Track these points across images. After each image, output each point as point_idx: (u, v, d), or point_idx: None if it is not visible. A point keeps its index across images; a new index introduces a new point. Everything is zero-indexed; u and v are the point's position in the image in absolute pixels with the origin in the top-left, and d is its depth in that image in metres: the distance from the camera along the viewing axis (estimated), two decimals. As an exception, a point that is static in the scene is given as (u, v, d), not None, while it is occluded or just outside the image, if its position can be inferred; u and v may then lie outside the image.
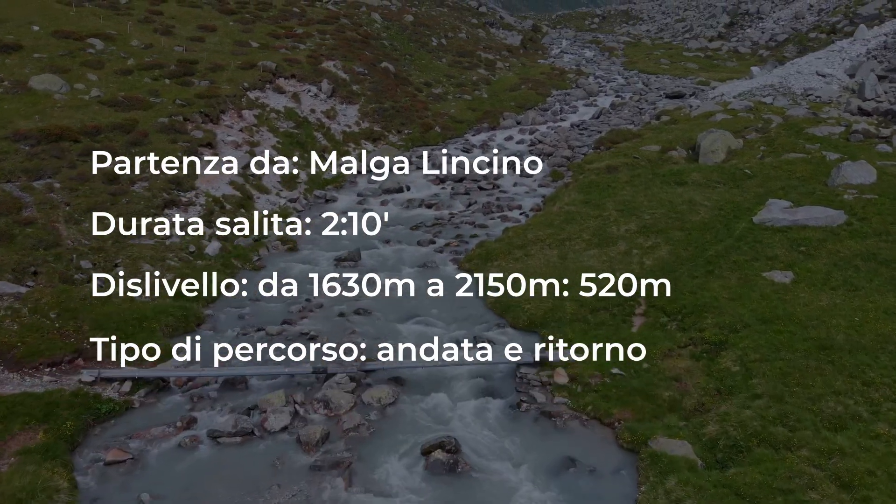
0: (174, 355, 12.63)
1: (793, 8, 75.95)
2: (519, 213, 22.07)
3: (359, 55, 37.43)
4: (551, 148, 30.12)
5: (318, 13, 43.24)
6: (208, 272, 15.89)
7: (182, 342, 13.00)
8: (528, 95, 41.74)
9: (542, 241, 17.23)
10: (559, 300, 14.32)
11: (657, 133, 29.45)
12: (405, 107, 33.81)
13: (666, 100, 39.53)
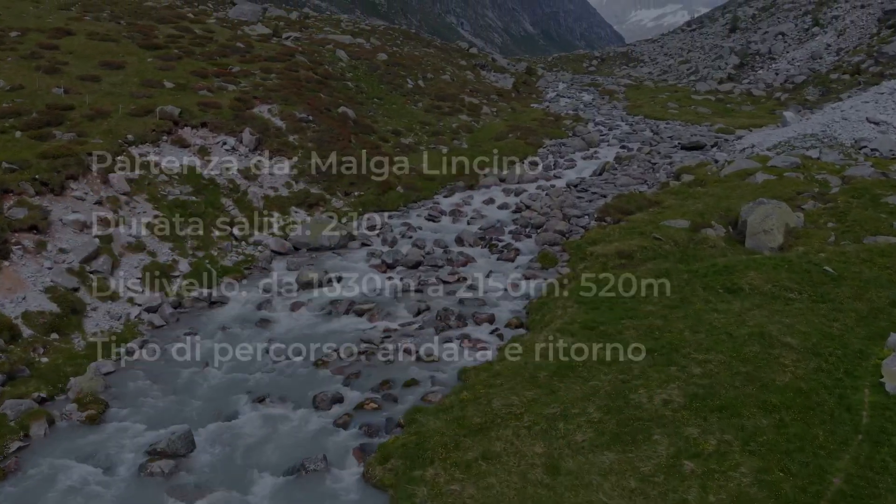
0: None
1: (808, 48, 70.24)
2: (489, 330, 14.54)
3: (309, 98, 30.53)
4: (541, 217, 22.83)
5: (270, 49, 36.63)
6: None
7: None
8: (515, 146, 34.75)
9: (518, 417, 9.67)
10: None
11: (680, 199, 22.21)
12: (359, 161, 26.66)
13: (682, 152, 32.52)
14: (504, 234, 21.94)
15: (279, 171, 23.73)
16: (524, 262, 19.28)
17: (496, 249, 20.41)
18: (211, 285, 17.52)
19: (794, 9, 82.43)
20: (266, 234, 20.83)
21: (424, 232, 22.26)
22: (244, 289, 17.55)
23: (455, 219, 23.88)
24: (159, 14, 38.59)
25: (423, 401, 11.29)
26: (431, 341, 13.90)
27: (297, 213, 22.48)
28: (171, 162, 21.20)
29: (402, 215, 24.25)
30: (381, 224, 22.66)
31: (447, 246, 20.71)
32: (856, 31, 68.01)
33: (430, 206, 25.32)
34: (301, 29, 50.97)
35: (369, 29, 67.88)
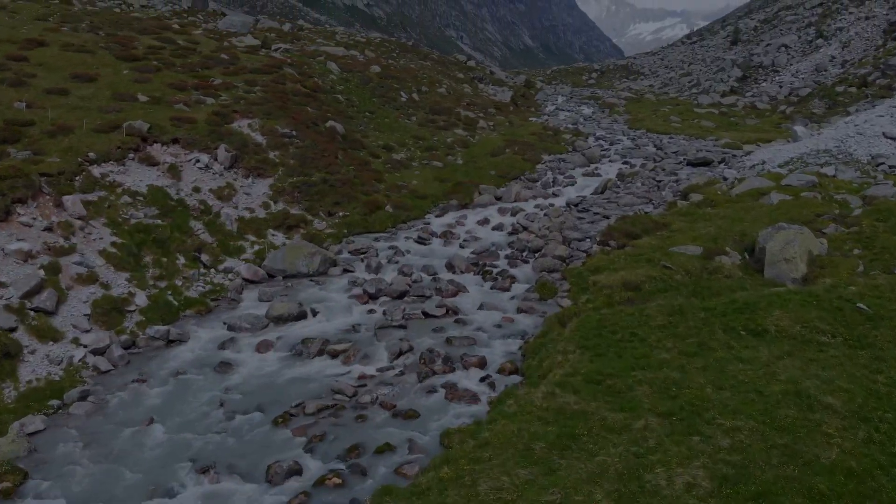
0: None
1: (812, 60, 68.89)
2: (479, 377, 12.73)
3: (294, 112, 28.90)
4: (540, 240, 21.10)
5: (256, 61, 35.07)
6: None
7: None
8: (512, 162, 33.10)
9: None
10: None
11: (690, 222, 20.49)
12: (345, 179, 24.99)
13: (688, 168, 30.85)
14: (499, 258, 20.20)
15: (256, 190, 22.03)
16: (520, 291, 17.52)
17: (490, 277, 18.65)
18: (171, 320, 15.77)
19: (797, 21, 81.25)
20: (238, 260, 19.08)
21: (412, 257, 20.51)
22: (208, 324, 15.77)
23: (446, 241, 22.14)
24: (142, 25, 37.11)
25: (397, 473, 9.48)
26: (412, 391, 12.10)
27: (275, 236, 20.74)
28: (136, 182, 19.49)
29: (389, 237, 22.52)
30: (367, 247, 20.91)
31: (436, 273, 18.96)
32: (861, 42, 66.71)
33: (421, 228, 23.60)
34: (293, 41, 49.55)
35: (364, 41, 66.58)
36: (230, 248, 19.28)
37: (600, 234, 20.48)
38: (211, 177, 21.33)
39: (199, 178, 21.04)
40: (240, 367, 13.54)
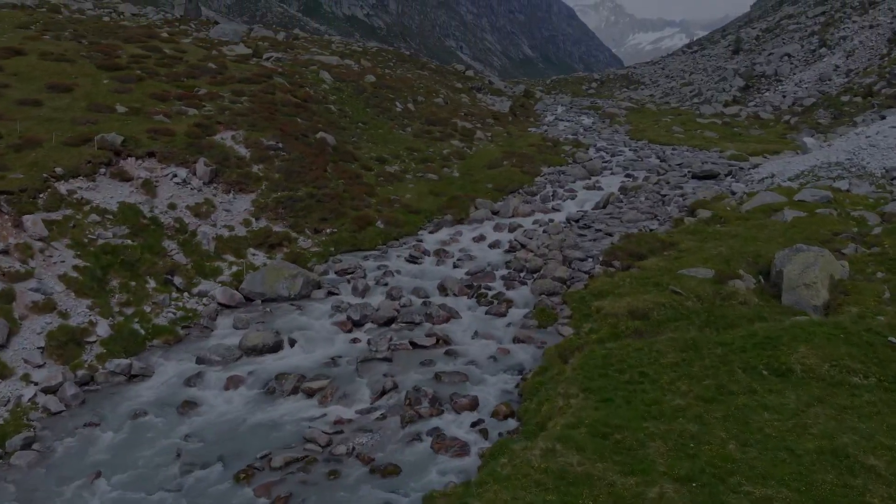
0: None
1: (815, 69, 67.87)
2: (471, 422, 11.38)
3: (282, 123, 27.69)
4: (538, 259, 19.80)
5: (245, 70, 33.93)
6: None
7: None
8: (510, 174, 31.86)
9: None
10: None
11: (699, 241, 19.19)
12: (334, 194, 23.73)
13: (694, 182, 29.59)
14: (495, 279, 18.89)
15: (237, 206, 20.75)
16: (518, 317, 16.19)
17: (485, 300, 17.33)
18: (136, 352, 14.45)
19: (800, 30, 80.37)
20: (215, 282, 17.77)
21: (403, 277, 19.20)
22: (177, 355, 14.45)
23: (439, 260, 20.84)
24: (128, 33, 35.99)
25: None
26: (394, 440, 10.76)
27: (255, 255, 19.44)
28: (106, 199, 18.21)
29: (379, 256, 21.21)
30: (354, 267, 19.61)
31: (428, 296, 17.65)
32: (865, 51, 65.69)
33: (413, 245, 22.30)
34: (286, 49, 48.47)
35: (361, 50, 65.59)
36: (206, 270, 17.98)
37: (603, 253, 19.18)
38: (188, 193, 20.06)
39: (175, 194, 19.77)
40: (205, 407, 12.21)
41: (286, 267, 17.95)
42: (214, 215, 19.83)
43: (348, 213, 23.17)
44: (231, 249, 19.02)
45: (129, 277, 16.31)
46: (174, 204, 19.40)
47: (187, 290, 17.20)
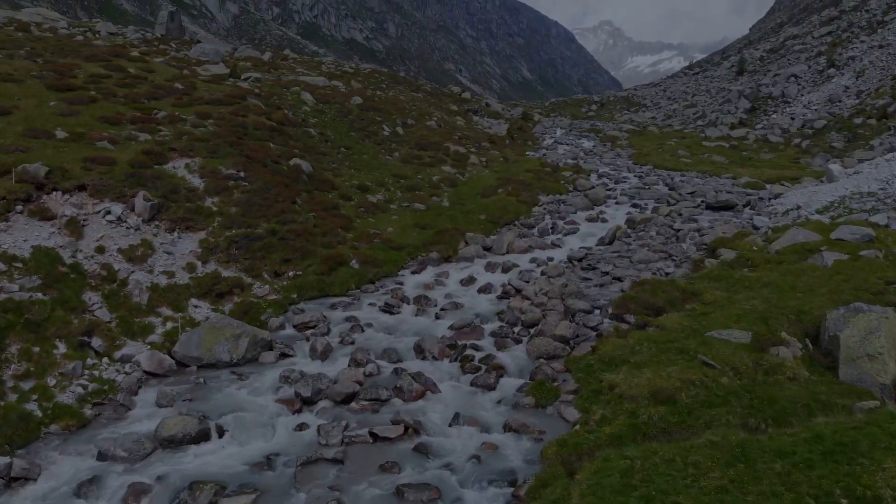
0: None
1: (824, 91, 65.44)
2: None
3: (249, 149, 24.80)
4: (536, 309, 16.71)
5: (216, 90, 31.17)
6: None
7: None
8: (506, 204, 28.89)
9: None
10: None
11: (726, 290, 16.11)
12: (302, 229, 20.70)
13: (709, 213, 26.63)
14: (483, 336, 15.76)
15: (182, 247, 17.70)
16: (510, 390, 13.05)
17: (470, 365, 14.18)
18: (26, 441, 11.32)
19: (805, 50, 78.20)
20: (143, 343, 14.66)
21: (374, 333, 16.09)
22: (76, 446, 11.30)
23: (420, 309, 17.71)
24: (92, 52, 33.32)
25: None
26: None
27: (198, 308, 16.33)
28: (18, 242, 15.18)
29: (350, 303, 18.10)
30: (317, 320, 16.49)
31: (401, 359, 14.53)
32: (875, 72, 63.28)
33: (391, 289, 19.22)
34: (270, 70, 45.90)
35: (352, 71, 63.18)
36: (134, 328, 14.87)
37: (613, 304, 16.07)
38: (123, 232, 17.02)
39: (106, 234, 16.74)
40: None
41: (228, 325, 14.82)
42: (152, 259, 16.77)
43: (317, 252, 20.11)
44: (168, 301, 15.92)
45: (33, 341, 13.21)
46: (103, 247, 16.35)
47: (108, 354, 14.09)
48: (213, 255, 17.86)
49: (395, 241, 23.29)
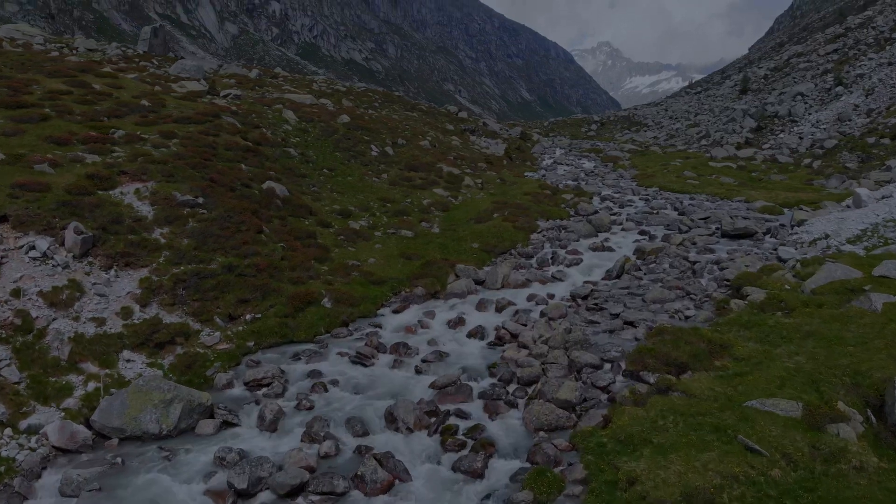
0: None
1: (833, 109, 63.30)
2: None
3: (216, 171, 22.33)
4: (535, 362, 14.07)
5: (188, 108, 28.79)
6: None
7: None
8: (501, 230, 26.34)
9: None
10: None
11: (761, 341, 13.48)
12: (266, 263, 18.10)
13: (725, 242, 24.06)
14: (471, 398, 13.07)
15: (118, 288, 15.08)
16: (501, 478, 10.35)
17: (454, 440, 11.47)
18: None
19: (811, 68, 76.30)
20: (57, 409, 11.98)
21: (339, 393, 13.41)
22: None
23: (397, 360, 15.04)
24: (56, 67, 31.01)
25: None
26: None
27: (131, 362, 13.67)
28: None
29: (316, 353, 15.43)
30: (272, 376, 13.83)
31: (367, 432, 11.84)
32: (886, 89, 61.19)
33: (367, 334, 16.58)
34: (255, 87, 43.66)
35: (344, 90, 61.07)
36: (48, 391, 12.21)
37: (627, 358, 13.42)
38: (48, 271, 14.42)
39: (27, 274, 14.14)
40: None
41: (158, 387, 12.14)
42: (80, 303, 14.14)
43: (283, 290, 17.49)
44: (94, 354, 13.27)
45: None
46: (21, 290, 13.74)
47: (11, 424, 11.42)
48: (155, 296, 15.23)
49: (376, 274, 20.69)
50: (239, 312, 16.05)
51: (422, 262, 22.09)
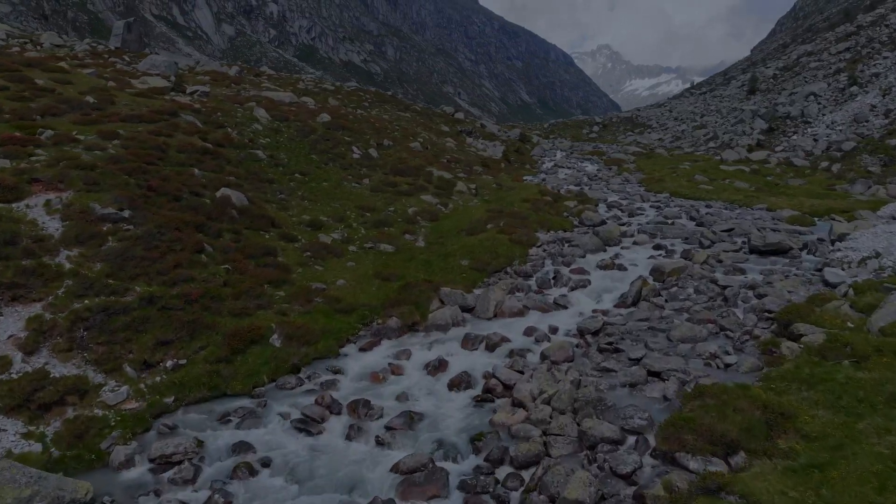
0: None
1: (848, 110, 59.95)
2: None
3: (158, 177, 18.96)
4: (534, 432, 10.73)
5: (143, 105, 25.43)
6: None
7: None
8: (495, 244, 22.95)
9: None
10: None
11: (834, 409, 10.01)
12: (201, 290, 14.68)
13: (756, 259, 20.65)
14: (446, 491, 9.62)
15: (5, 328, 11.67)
16: None
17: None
18: None
19: (823, 67, 72.97)
20: None
21: (269, 481, 9.98)
22: None
23: (355, 426, 11.57)
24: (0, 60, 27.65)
25: None
26: None
27: (2, 431, 10.27)
28: None
29: (251, 412, 11.96)
30: (186, 451, 10.41)
31: (301, 543, 8.41)
32: (905, 89, 57.81)
33: (322, 384, 13.18)
34: (231, 84, 40.30)
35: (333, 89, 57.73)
36: None
37: (658, 432, 9.99)
38: None
39: None
40: None
41: (13, 479, 8.73)
42: (-66, 352, 10.71)
43: (220, 325, 14.08)
44: (-59, 425, 9.83)
45: None
46: None
47: None
48: (46, 340, 11.82)
49: (344, 299, 17.28)
50: (157, 358, 12.63)
51: (400, 285, 18.68)
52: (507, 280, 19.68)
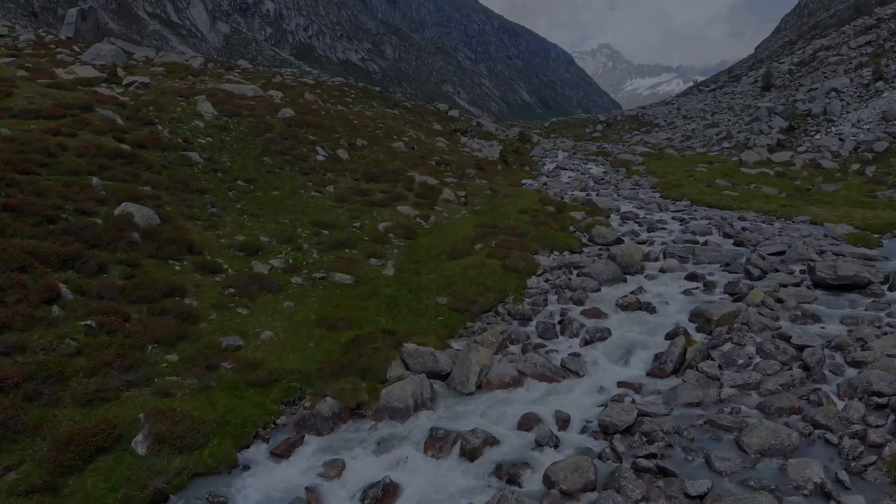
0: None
1: (875, 107, 54.98)
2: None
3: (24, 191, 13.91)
4: None
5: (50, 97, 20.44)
6: None
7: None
8: (484, 272, 17.89)
9: None
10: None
11: None
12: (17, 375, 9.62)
13: (822, 294, 15.59)
14: None
15: None
16: None
17: None
18: None
19: (843, 62, 67.96)
20: None
21: None
22: None
23: None
24: None
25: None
26: None
27: None
28: None
29: None
30: None
31: None
32: (938, 84, 52.82)
33: (203, 519, 8.11)
34: (188, 77, 35.27)
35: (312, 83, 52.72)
36: None
37: None
38: None
39: None
40: None
41: None
42: None
43: (52, 425, 9.05)
44: None
45: None
46: None
47: None
48: None
49: (265, 363, 12.21)
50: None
51: (350, 338, 13.61)
52: (497, 327, 14.61)
